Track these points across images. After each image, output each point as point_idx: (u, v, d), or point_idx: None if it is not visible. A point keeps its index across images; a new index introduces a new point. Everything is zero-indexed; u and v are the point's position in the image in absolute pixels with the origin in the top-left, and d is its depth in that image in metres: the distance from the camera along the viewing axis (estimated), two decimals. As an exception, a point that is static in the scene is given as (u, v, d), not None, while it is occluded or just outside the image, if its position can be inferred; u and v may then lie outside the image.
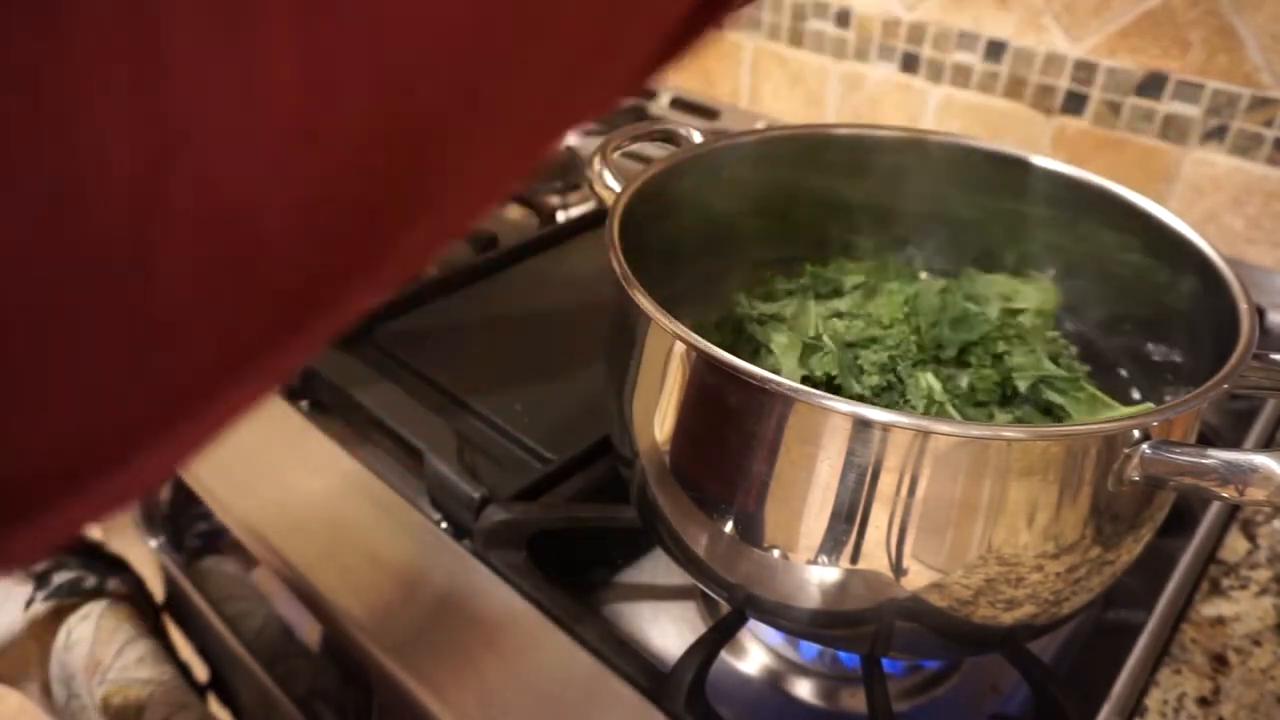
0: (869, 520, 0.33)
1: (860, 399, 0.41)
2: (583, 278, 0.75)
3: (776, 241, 0.55)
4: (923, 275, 0.55)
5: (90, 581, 0.64)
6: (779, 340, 0.43)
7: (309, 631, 0.54)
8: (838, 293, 0.49)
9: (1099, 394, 0.42)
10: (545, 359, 0.64)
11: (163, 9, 0.11)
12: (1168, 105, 0.77)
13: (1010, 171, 0.50)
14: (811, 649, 0.47)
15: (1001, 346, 0.43)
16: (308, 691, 0.54)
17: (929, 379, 0.41)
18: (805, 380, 0.42)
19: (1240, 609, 0.49)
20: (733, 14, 0.21)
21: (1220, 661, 0.46)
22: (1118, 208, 0.46)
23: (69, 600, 0.64)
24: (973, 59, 0.87)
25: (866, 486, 0.32)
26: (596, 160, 0.46)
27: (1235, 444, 0.60)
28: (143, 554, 0.69)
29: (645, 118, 1.07)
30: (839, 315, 0.46)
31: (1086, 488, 0.32)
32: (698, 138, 0.49)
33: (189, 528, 0.65)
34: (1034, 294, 0.48)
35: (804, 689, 0.46)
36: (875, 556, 0.34)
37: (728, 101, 1.09)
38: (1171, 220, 0.43)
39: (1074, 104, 0.82)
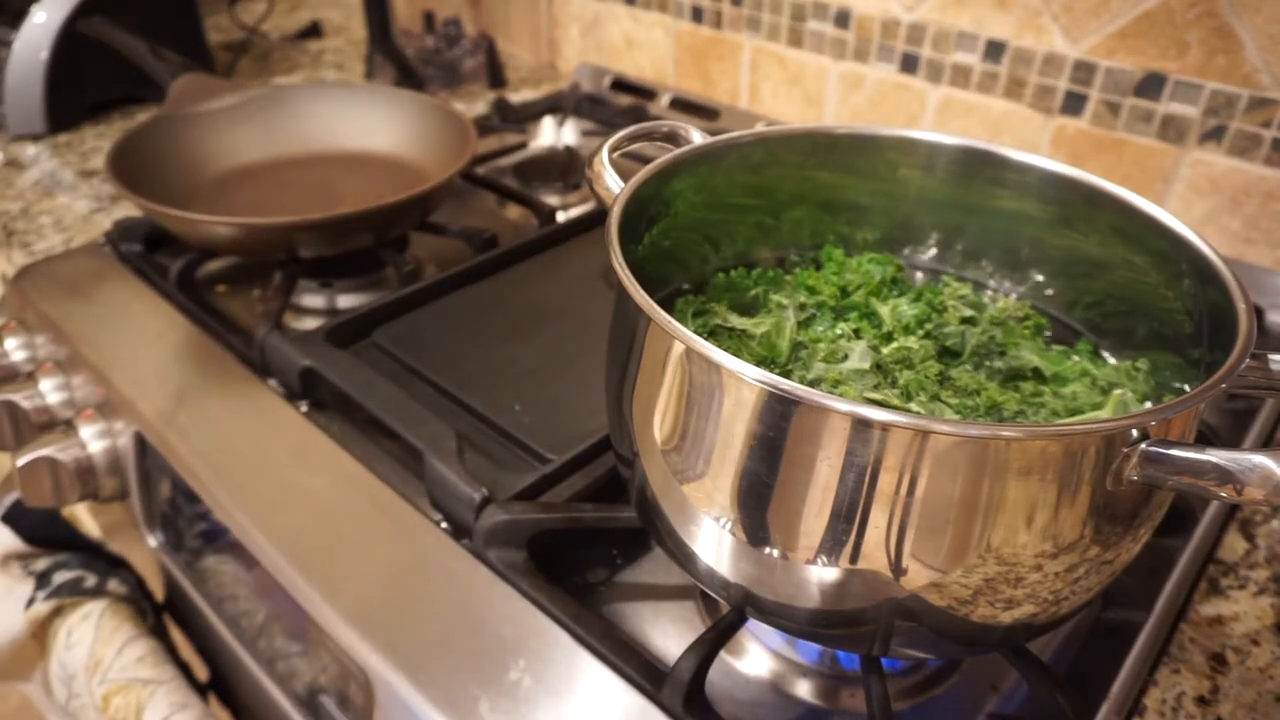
0: (868, 520, 0.33)
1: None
2: (583, 278, 0.75)
3: (775, 241, 0.55)
4: (918, 275, 0.56)
5: (91, 581, 0.65)
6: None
7: (308, 631, 0.54)
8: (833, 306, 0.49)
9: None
10: (545, 359, 0.65)
11: None
12: (1166, 106, 0.77)
13: (1008, 172, 0.50)
14: (811, 649, 0.47)
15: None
16: (308, 690, 0.54)
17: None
18: None
19: (1239, 608, 0.49)
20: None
21: (1219, 661, 0.46)
22: (1116, 208, 0.46)
23: (70, 600, 0.64)
24: (972, 59, 0.87)
25: (866, 486, 0.32)
26: (596, 161, 0.46)
27: (1234, 444, 0.60)
28: (143, 554, 0.69)
29: (645, 118, 1.07)
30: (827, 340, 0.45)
31: (1085, 487, 0.32)
32: (698, 138, 0.49)
33: (189, 528, 0.65)
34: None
35: (804, 689, 0.46)
36: (875, 556, 0.34)
37: (727, 102, 1.09)
38: (1170, 220, 0.43)
39: (1073, 104, 0.82)
